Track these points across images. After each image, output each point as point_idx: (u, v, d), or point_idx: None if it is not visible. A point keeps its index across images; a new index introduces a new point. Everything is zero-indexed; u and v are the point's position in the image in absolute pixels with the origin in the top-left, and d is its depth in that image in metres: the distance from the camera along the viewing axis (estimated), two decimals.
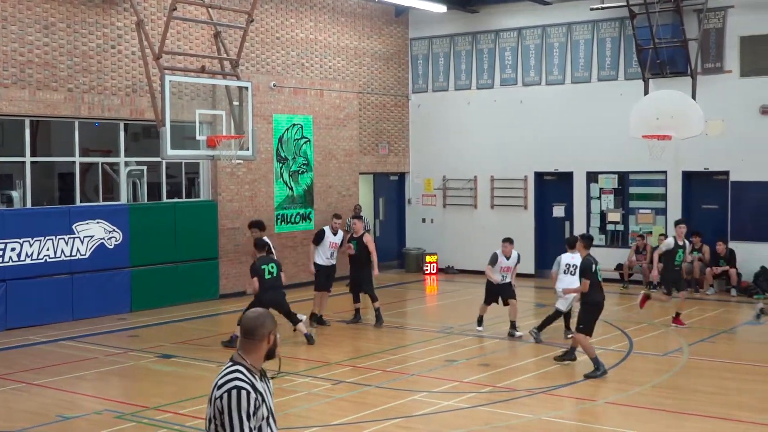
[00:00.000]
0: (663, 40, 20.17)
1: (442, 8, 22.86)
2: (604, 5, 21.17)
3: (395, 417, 10.25)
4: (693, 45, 20.17)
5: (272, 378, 4.60)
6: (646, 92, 19.74)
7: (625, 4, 19.98)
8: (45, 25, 16.84)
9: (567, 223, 22.95)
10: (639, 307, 15.95)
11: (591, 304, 12.23)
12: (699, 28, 20.32)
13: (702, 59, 20.49)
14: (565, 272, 14.18)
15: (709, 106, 19.00)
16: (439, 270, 24.24)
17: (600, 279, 12.50)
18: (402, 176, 25.63)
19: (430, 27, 24.77)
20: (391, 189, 25.66)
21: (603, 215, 22.48)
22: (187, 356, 13.79)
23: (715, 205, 21.05)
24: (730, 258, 20.05)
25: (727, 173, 20.70)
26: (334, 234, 16.51)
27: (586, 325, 12.18)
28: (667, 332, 15.80)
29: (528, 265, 22.99)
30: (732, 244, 20.28)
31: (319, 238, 16.43)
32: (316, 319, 16.05)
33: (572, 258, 13.95)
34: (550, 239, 22.99)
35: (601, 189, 22.53)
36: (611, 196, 22.41)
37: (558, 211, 23.21)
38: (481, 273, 23.56)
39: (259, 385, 4.19)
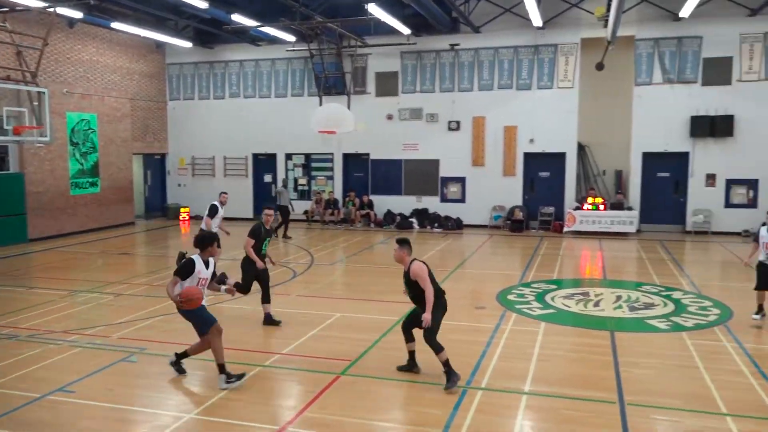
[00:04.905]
0: (330, 73, 20.65)
1: (188, 44, 21.63)
2: (294, 48, 21.19)
3: (159, 315, 9.79)
4: (348, 76, 20.84)
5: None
6: (320, 104, 20.13)
7: (307, 48, 20.15)
8: None
9: (273, 186, 22.93)
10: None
11: None
12: (352, 66, 21.00)
13: (354, 85, 21.23)
14: None
15: (358, 113, 19.76)
16: (191, 217, 23.28)
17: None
18: (164, 156, 24.07)
19: (180, 56, 23.32)
20: (156, 164, 24.02)
21: (296, 180, 22.72)
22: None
23: (362, 173, 22.02)
24: (370, 205, 21.19)
25: (368, 154, 21.73)
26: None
27: None
28: (334, 251, 16.38)
29: (248, 212, 22.90)
30: (371, 197, 21.44)
31: (212, 212, 12.67)
32: None
33: None
34: (261, 196, 22.99)
35: (294, 164, 22.72)
36: (301, 169, 22.68)
37: (267, 178, 23.09)
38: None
39: None
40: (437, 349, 6.69)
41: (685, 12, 16.89)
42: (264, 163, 23.07)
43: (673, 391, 6.68)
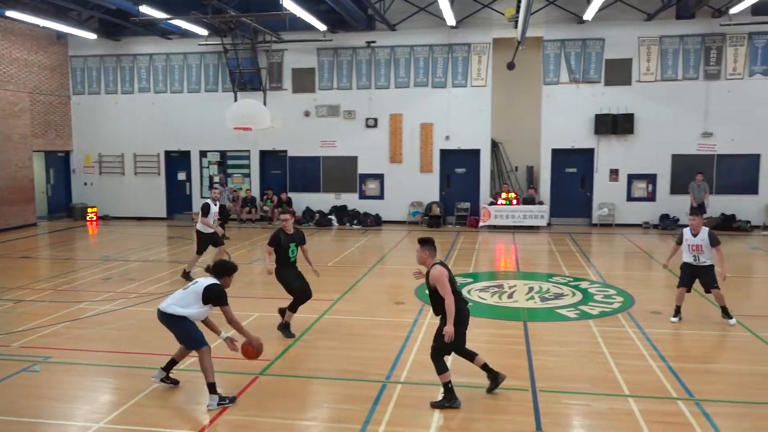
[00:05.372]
0: (245, 68, 20.25)
1: (92, 36, 20.57)
2: (207, 42, 20.61)
3: (65, 320, 9.30)
4: (264, 72, 20.50)
5: None
6: (235, 100, 19.69)
7: (220, 43, 19.66)
8: None
9: (188, 184, 22.27)
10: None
11: None
12: (267, 61, 20.66)
13: (270, 81, 20.90)
14: None
15: (275, 110, 19.47)
16: (99, 218, 22.22)
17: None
18: (68, 153, 22.82)
19: (84, 48, 22.14)
20: (60, 162, 22.71)
21: (211, 178, 22.12)
22: None
23: (280, 171, 21.74)
24: (289, 202, 20.96)
25: (286, 151, 21.47)
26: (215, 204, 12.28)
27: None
28: (252, 249, 16.08)
29: (161, 211, 22.24)
30: (290, 194, 21.22)
31: (206, 211, 11.94)
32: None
33: None
34: (175, 195, 22.34)
35: (209, 161, 22.13)
36: (216, 166, 22.11)
37: (181, 176, 22.38)
38: (131, 218, 22.38)
39: None
40: (440, 368, 6.11)
41: (588, 15, 17.73)
42: (177, 160, 22.33)
43: (581, 376, 7.02)
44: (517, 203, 19.35)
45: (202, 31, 19.68)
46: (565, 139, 19.69)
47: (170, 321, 6.33)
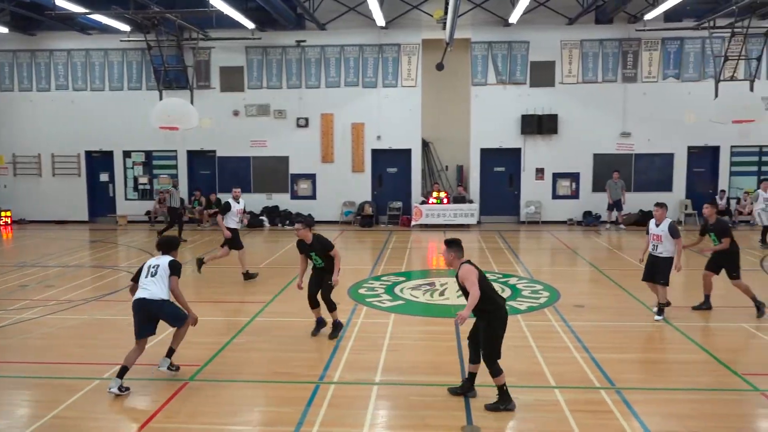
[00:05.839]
0: (170, 66, 19.65)
1: (4, 30, 19.46)
2: (130, 39, 19.88)
3: None
4: (191, 70, 19.97)
5: None
6: (160, 99, 19.08)
7: (144, 39, 19.01)
8: None
9: (111, 186, 21.45)
10: None
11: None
12: (194, 59, 20.16)
13: (197, 79, 20.39)
14: None
15: (202, 109, 19.00)
16: (14, 222, 21.08)
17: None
18: None
19: None
20: None
21: (135, 179, 21.39)
22: None
23: (208, 171, 21.25)
24: (218, 204, 20.50)
25: (215, 151, 21.05)
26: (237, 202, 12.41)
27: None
28: (180, 252, 15.58)
29: (82, 214, 21.39)
30: (219, 195, 20.77)
31: (225, 209, 12.21)
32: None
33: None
34: (97, 196, 21.47)
35: (134, 162, 21.39)
36: (141, 167, 21.39)
37: (104, 177, 21.52)
38: (50, 222, 21.37)
39: None
40: (496, 372, 6.13)
41: (513, 18, 18.25)
42: (99, 161, 21.46)
43: (510, 369, 7.16)
44: (448, 202, 19.68)
45: (124, 27, 19.00)
46: (493, 139, 20.18)
47: (159, 307, 6.60)
